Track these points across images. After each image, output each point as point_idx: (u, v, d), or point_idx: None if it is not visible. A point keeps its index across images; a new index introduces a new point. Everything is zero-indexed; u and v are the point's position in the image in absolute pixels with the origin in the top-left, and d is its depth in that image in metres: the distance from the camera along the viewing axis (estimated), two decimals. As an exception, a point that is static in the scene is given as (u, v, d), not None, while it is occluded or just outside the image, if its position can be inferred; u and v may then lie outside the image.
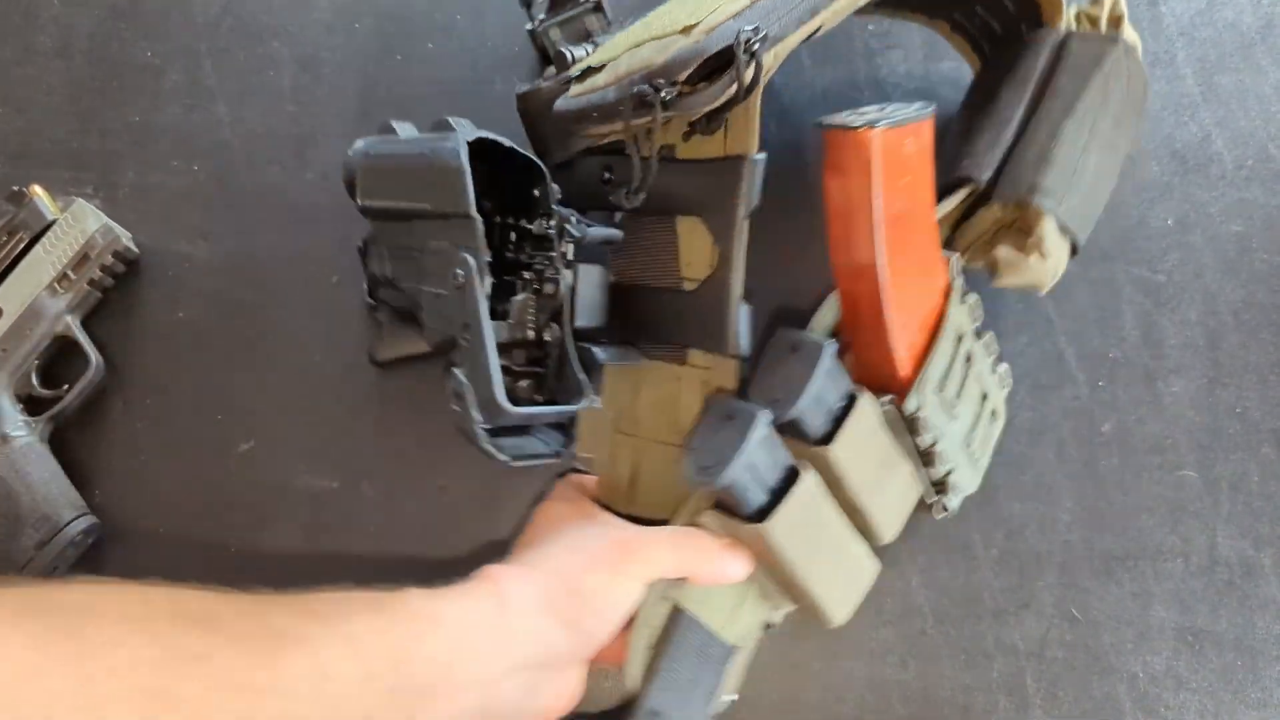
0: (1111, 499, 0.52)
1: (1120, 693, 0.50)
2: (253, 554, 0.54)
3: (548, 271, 0.42)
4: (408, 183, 0.44)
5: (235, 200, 0.57)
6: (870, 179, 0.39)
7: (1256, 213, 0.54)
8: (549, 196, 0.42)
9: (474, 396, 0.39)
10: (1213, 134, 0.55)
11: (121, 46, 0.59)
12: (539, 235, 0.43)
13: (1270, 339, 0.53)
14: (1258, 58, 0.55)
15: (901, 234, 0.42)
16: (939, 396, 0.45)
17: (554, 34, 0.51)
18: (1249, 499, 0.51)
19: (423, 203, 0.42)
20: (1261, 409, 0.52)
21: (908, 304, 0.43)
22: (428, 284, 0.43)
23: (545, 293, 0.42)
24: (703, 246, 0.43)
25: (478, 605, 0.39)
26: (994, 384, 0.49)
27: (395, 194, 0.45)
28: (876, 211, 0.40)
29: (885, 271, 0.41)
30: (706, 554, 0.42)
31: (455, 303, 0.40)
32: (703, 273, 0.43)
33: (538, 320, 0.43)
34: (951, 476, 0.47)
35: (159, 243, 0.57)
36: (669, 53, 0.36)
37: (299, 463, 0.54)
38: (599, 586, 0.40)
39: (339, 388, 0.55)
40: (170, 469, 0.55)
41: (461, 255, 0.40)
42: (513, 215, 0.44)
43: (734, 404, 0.43)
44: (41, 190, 0.54)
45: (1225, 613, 0.50)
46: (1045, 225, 0.44)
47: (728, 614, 0.44)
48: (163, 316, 0.56)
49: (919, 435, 0.44)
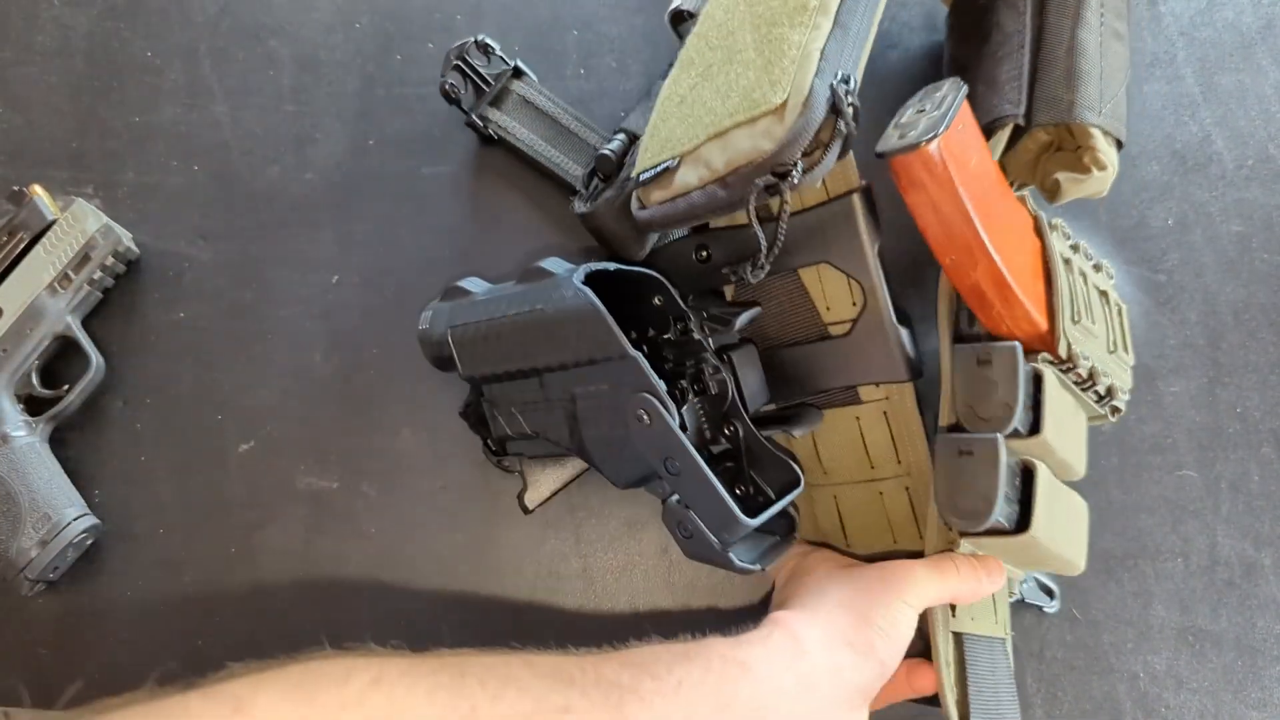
0: (1112, 498, 0.52)
1: (1120, 692, 0.50)
2: (253, 554, 0.54)
3: (706, 371, 0.42)
4: (531, 342, 0.42)
5: (235, 200, 0.57)
6: (952, 184, 0.40)
7: (1256, 212, 0.54)
8: (677, 301, 0.42)
9: (704, 522, 0.39)
10: (1213, 134, 0.55)
11: (121, 46, 0.59)
12: (679, 341, 0.42)
13: (1270, 339, 0.53)
14: (1258, 58, 0.55)
15: (988, 208, 0.42)
16: (1077, 327, 0.45)
17: (494, 116, 0.52)
18: (1249, 499, 0.51)
19: (558, 358, 0.41)
20: (1261, 409, 0.52)
21: (1020, 266, 0.43)
22: (591, 430, 0.42)
23: (711, 393, 0.42)
24: (839, 288, 0.43)
25: (779, 648, 0.41)
26: (1106, 282, 0.49)
27: (515, 358, 0.43)
28: (968, 206, 0.40)
29: (996, 253, 0.42)
30: (967, 575, 0.44)
31: (644, 441, 0.39)
32: (849, 313, 0.43)
33: (714, 421, 0.43)
34: (1113, 384, 0.47)
35: (159, 243, 0.56)
36: (776, 139, 0.35)
37: (299, 463, 0.54)
38: (885, 613, 0.42)
39: (339, 388, 0.55)
40: (170, 469, 0.54)
41: (638, 396, 0.39)
42: (638, 330, 0.43)
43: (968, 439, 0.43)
44: (41, 190, 0.54)
45: (1225, 612, 0.50)
46: (1095, 138, 0.44)
47: (993, 613, 0.46)
48: (163, 316, 0.56)
49: (1077, 367, 0.45)
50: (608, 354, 0.39)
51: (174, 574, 0.54)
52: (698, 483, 0.39)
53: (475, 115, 0.52)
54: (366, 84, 0.58)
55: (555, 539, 0.53)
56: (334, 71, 0.58)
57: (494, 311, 0.43)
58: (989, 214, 0.42)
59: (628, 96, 0.57)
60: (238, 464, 0.54)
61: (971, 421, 0.44)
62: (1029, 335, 0.44)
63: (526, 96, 0.52)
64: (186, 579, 0.54)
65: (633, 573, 0.53)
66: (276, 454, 0.54)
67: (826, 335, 0.44)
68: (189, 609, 0.53)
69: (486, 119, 0.52)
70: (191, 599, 0.53)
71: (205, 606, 0.53)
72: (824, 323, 0.44)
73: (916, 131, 0.39)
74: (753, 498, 0.43)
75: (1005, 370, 0.43)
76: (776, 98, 0.34)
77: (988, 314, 0.45)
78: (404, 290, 0.55)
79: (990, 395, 0.43)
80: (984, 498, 0.41)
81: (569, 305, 0.39)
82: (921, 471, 0.47)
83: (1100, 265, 0.49)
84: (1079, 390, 0.46)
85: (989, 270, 0.42)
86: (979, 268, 0.42)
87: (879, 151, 0.41)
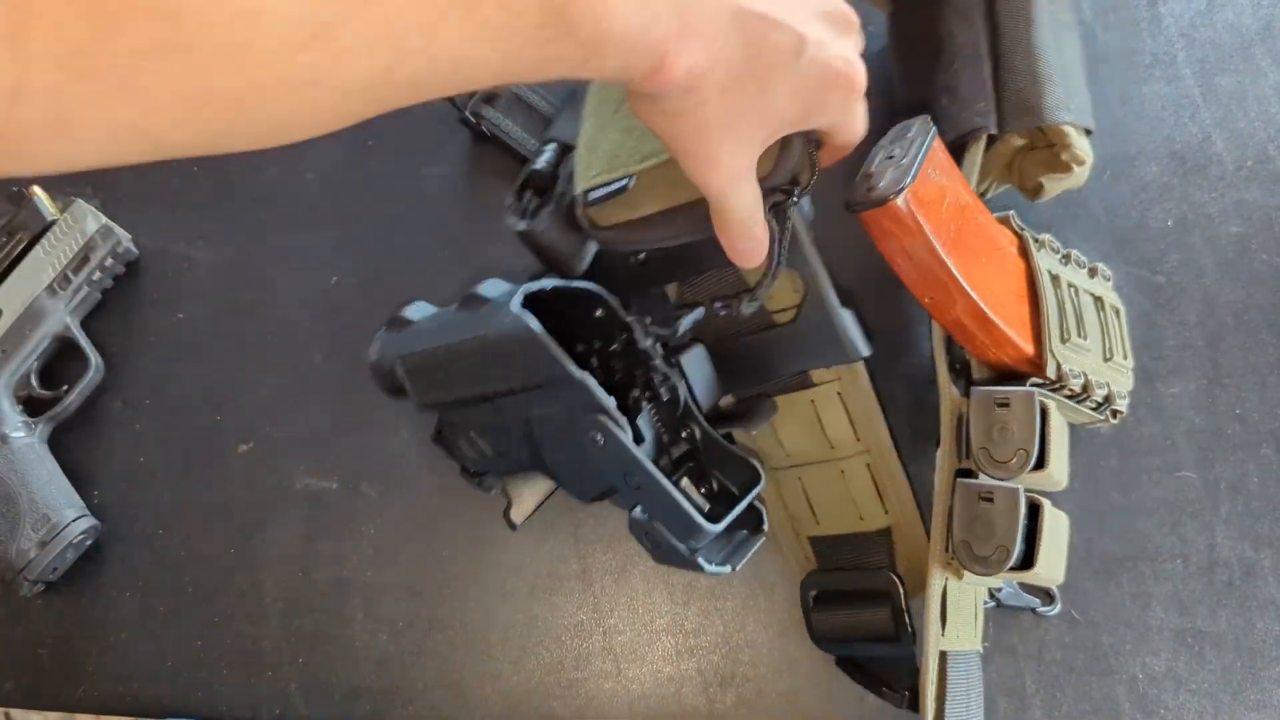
0: (1111, 500, 0.52)
1: (1119, 694, 0.50)
2: (253, 554, 0.54)
3: (655, 379, 0.41)
4: (477, 369, 0.41)
5: (235, 200, 0.57)
6: (922, 233, 0.40)
7: (1256, 214, 0.54)
8: (618, 312, 0.41)
9: (669, 532, 0.39)
10: (1212, 135, 0.55)
11: (121, 46, 0.59)
12: (625, 351, 0.42)
13: (1270, 340, 0.53)
14: (1257, 59, 0.55)
15: (965, 243, 0.42)
16: (1066, 345, 0.45)
17: (489, 113, 0.52)
18: (1248, 500, 0.51)
19: (505, 384, 0.40)
20: (1261, 410, 0.52)
21: (1003, 294, 0.44)
22: (550, 452, 0.42)
23: (664, 400, 0.42)
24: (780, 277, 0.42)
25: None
26: (1101, 286, 0.49)
27: (464, 384, 0.42)
28: (940, 252, 0.41)
29: (974, 291, 0.42)
30: None
31: (600, 460, 0.39)
32: (792, 299, 0.43)
33: (670, 426, 0.43)
34: (1110, 392, 0.47)
35: (159, 243, 0.57)
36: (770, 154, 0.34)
37: (299, 463, 0.54)
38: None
39: (339, 388, 0.55)
40: (170, 469, 0.55)
41: (589, 417, 0.38)
42: (584, 343, 0.43)
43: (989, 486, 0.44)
44: (41, 191, 0.54)
45: (1225, 614, 0.50)
46: (1070, 136, 0.44)
47: (974, 627, 0.47)
48: (163, 316, 0.56)
49: (1068, 386, 0.45)
50: (554, 376, 0.38)
51: (174, 574, 0.54)
52: (658, 496, 0.39)
53: (469, 112, 0.52)
54: (366, 84, 0.58)
55: (554, 540, 0.53)
56: (334, 72, 0.58)
57: (440, 340, 0.42)
58: (965, 250, 0.42)
59: (627, 97, 0.57)
60: (237, 464, 0.54)
61: (987, 465, 0.44)
62: (1016, 360, 0.45)
63: (519, 94, 0.52)
64: (186, 579, 0.54)
65: (631, 573, 0.53)
66: (276, 454, 0.54)
67: (772, 324, 0.44)
68: (189, 609, 0.53)
69: (480, 115, 0.52)
70: (191, 599, 0.54)
71: (205, 606, 0.53)
72: (769, 311, 0.44)
73: (884, 183, 0.40)
74: (717, 496, 0.43)
75: (1024, 414, 0.43)
76: None
77: (973, 345, 0.45)
78: (403, 290, 0.55)
79: (1008, 441, 0.43)
80: (1003, 546, 0.42)
81: (509, 331, 0.38)
82: (881, 448, 0.47)
83: (1095, 269, 0.49)
84: (1073, 404, 0.46)
85: (968, 307, 0.42)
86: (957, 305, 0.43)
87: (848, 204, 0.41)
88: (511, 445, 0.43)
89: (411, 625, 0.53)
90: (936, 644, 0.45)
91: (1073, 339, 0.45)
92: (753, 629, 0.52)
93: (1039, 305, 0.45)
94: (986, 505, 0.43)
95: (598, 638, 0.53)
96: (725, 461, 0.43)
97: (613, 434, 0.38)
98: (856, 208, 0.40)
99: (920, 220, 0.40)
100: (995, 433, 0.44)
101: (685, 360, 0.42)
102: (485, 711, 0.52)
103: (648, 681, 0.52)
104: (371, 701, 0.52)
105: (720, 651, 0.52)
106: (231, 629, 0.53)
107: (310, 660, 0.53)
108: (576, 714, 0.52)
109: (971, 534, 0.44)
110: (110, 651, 0.53)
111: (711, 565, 0.40)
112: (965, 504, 0.44)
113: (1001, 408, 0.44)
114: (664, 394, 0.42)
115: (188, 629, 0.53)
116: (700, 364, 0.43)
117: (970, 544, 0.43)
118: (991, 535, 0.43)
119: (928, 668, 0.44)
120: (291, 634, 0.53)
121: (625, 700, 0.52)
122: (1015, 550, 0.42)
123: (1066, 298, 0.46)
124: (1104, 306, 0.49)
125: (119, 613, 0.54)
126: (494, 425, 0.43)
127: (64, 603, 0.54)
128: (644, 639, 0.52)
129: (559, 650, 0.53)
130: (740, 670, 0.52)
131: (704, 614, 0.52)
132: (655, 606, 0.53)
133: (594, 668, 0.52)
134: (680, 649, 0.52)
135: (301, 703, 0.53)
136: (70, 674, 0.53)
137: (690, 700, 0.52)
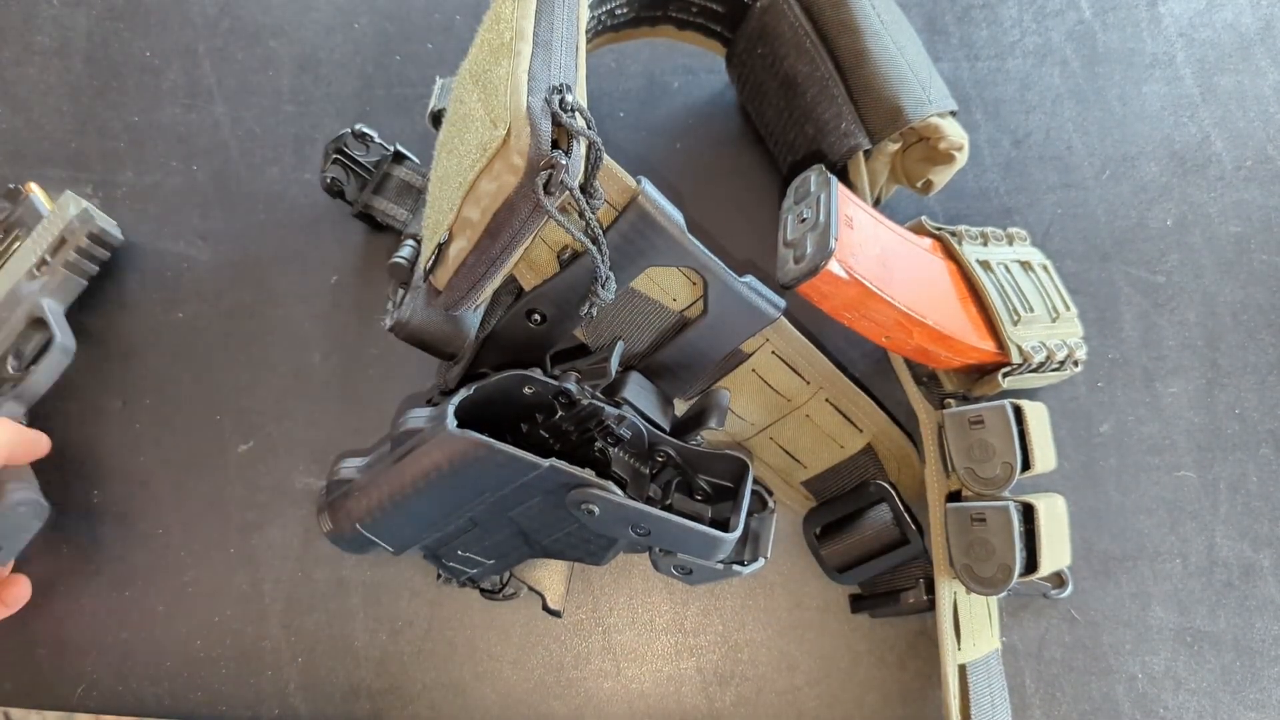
0: (1110, 499, 0.52)
1: (1119, 693, 0.50)
2: (252, 554, 0.54)
3: (611, 423, 0.42)
4: (441, 500, 0.40)
5: (234, 200, 0.57)
6: (860, 285, 0.40)
7: (1255, 213, 0.54)
8: (546, 380, 0.41)
9: (694, 556, 0.40)
10: (1211, 135, 0.55)
11: (120, 46, 0.59)
12: (571, 413, 0.42)
13: (1269, 339, 0.53)
14: (1257, 59, 0.55)
15: (900, 273, 0.42)
16: (1018, 325, 0.45)
17: (379, 204, 0.51)
18: (1247, 500, 0.51)
19: (474, 501, 0.40)
20: (1260, 410, 0.52)
21: (947, 306, 0.44)
22: (545, 539, 0.43)
23: (625, 439, 0.42)
24: (672, 279, 0.42)
25: None
26: (1023, 249, 0.50)
27: (434, 518, 0.41)
28: (882, 293, 0.41)
29: (924, 316, 0.42)
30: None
31: (601, 524, 0.40)
32: (694, 294, 0.43)
33: (643, 457, 0.44)
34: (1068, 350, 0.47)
35: (158, 243, 0.57)
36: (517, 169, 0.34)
37: (299, 463, 0.54)
38: None
39: (339, 388, 0.55)
40: (170, 469, 0.55)
41: (573, 494, 0.39)
42: (526, 422, 0.43)
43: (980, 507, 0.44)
44: (38, 188, 0.54)
45: (1224, 613, 0.50)
46: (941, 127, 0.45)
47: (990, 629, 0.47)
48: (162, 317, 0.56)
49: (1032, 362, 0.45)
50: (522, 475, 0.38)
51: (174, 574, 0.54)
52: (671, 530, 0.39)
53: (360, 207, 0.52)
54: (366, 84, 0.58)
55: (554, 539, 0.53)
56: (333, 72, 0.58)
57: (390, 488, 0.40)
58: (902, 279, 0.42)
59: (626, 96, 0.57)
60: (237, 464, 0.54)
61: (974, 484, 0.44)
62: (980, 359, 0.45)
63: (408, 180, 0.52)
64: (186, 579, 0.54)
65: (631, 573, 0.53)
66: (275, 454, 0.54)
67: (688, 322, 0.44)
68: (188, 609, 0.53)
69: (371, 207, 0.52)
70: (191, 599, 0.54)
71: (205, 606, 0.53)
72: (678, 312, 0.44)
73: (810, 253, 0.40)
74: (715, 496, 0.44)
75: (1000, 428, 0.43)
76: (500, 133, 0.34)
77: (936, 362, 0.46)
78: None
79: (989, 457, 0.44)
80: (1004, 565, 0.43)
81: (458, 453, 0.38)
82: (831, 379, 0.47)
83: (1011, 235, 0.50)
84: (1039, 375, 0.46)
85: (925, 333, 0.43)
86: (915, 335, 0.43)
87: (783, 284, 0.41)
88: (506, 547, 0.44)
89: (411, 625, 0.53)
90: (954, 659, 0.45)
91: (1022, 317, 0.46)
92: (752, 628, 0.52)
93: (983, 300, 0.45)
94: (980, 526, 0.44)
95: (597, 637, 0.53)
96: (709, 464, 0.43)
97: (605, 499, 0.39)
98: (791, 284, 0.41)
99: (857, 274, 0.40)
100: (976, 451, 0.44)
101: (628, 394, 0.43)
102: (485, 711, 0.52)
103: (647, 681, 0.52)
104: (371, 701, 0.52)
105: (719, 650, 0.52)
106: (231, 628, 0.53)
107: (310, 660, 0.53)
108: (576, 713, 0.52)
109: (971, 557, 0.44)
110: (110, 651, 0.53)
111: (746, 567, 0.41)
112: (959, 529, 0.45)
113: (976, 425, 0.44)
114: (625, 433, 0.42)
115: (187, 629, 0.53)
116: (642, 390, 0.44)
117: (971, 567, 0.44)
118: (990, 555, 0.43)
119: (948, 683, 0.44)
120: (291, 633, 0.53)
121: (625, 699, 0.52)
122: (1016, 568, 0.42)
123: (1002, 279, 0.47)
124: (1032, 268, 0.49)
125: (119, 613, 0.54)
126: (480, 538, 0.43)
127: (64, 603, 0.54)
128: (643, 638, 0.52)
129: (558, 650, 0.53)
130: (739, 669, 0.52)
131: (703, 613, 0.53)
132: (654, 606, 0.53)
133: (593, 667, 0.52)
134: (679, 648, 0.52)
135: (301, 702, 0.53)
136: (70, 674, 0.54)
137: (690, 699, 0.52)
